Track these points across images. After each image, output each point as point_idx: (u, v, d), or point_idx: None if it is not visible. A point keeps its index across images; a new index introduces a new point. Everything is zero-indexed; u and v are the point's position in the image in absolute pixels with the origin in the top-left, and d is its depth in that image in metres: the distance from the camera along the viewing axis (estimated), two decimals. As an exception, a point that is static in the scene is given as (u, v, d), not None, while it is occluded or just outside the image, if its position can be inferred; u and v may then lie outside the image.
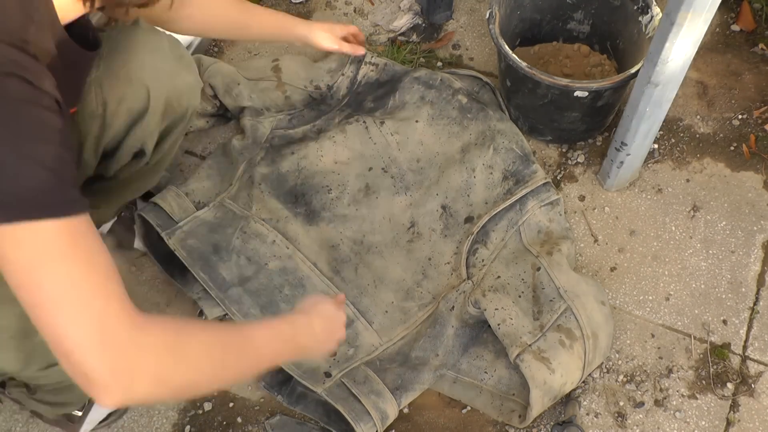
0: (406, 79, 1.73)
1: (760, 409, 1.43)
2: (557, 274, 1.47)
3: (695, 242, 1.61)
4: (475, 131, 1.67)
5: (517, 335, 1.40)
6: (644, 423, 1.43)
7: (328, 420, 1.41)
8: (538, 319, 1.44)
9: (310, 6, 1.99)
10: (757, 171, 1.69)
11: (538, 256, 1.50)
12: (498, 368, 1.45)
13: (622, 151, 1.56)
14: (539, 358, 1.38)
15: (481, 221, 1.57)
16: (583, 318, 1.42)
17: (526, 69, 1.54)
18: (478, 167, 1.62)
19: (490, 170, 1.62)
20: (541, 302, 1.46)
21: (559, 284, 1.45)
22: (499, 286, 1.49)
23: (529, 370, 1.36)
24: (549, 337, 1.41)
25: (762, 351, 1.49)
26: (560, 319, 1.43)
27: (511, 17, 1.71)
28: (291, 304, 1.47)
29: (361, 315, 1.49)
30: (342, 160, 1.65)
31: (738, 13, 1.91)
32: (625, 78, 1.52)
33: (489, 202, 1.60)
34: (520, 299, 1.47)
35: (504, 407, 1.43)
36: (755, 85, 1.81)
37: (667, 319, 1.53)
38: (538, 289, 1.47)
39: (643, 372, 1.47)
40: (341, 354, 1.45)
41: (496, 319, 1.43)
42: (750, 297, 1.55)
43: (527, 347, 1.39)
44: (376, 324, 1.49)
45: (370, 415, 1.36)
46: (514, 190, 1.60)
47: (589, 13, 1.75)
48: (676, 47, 1.29)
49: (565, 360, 1.38)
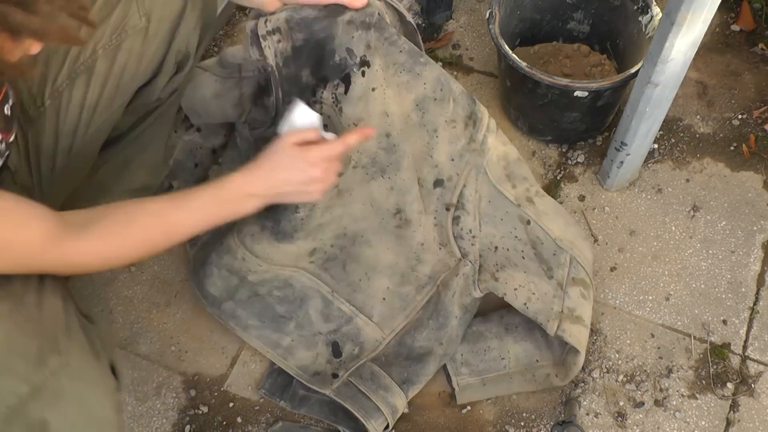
0: (337, 30, 1.25)
1: (760, 409, 1.43)
2: (548, 224, 1.47)
3: (695, 242, 1.61)
4: (430, 79, 1.34)
5: (547, 308, 1.39)
6: (644, 423, 1.43)
7: (335, 418, 1.41)
8: (552, 277, 1.43)
9: (310, 6, 1.99)
10: (757, 171, 1.69)
11: (520, 206, 1.47)
12: (509, 348, 1.45)
13: (622, 151, 1.56)
14: (574, 319, 1.39)
15: (457, 189, 1.44)
16: (586, 264, 1.45)
17: (526, 69, 1.54)
18: (440, 126, 1.39)
19: (453, 124, 1.40)
20: (545, 258, 1.45)
21: (555, 236, 1.46)
22: (503, 260, 1.46)
23: (573, 337, 1.37)
24: (571, 293, 1.42)
25: (762, 351, 1.49)
26: (571, 271, 1.44)
27: (511, 17, 1.71)
28: (285, 304, 1.44)
29: (358, 311, 1.45)
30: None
31: (738, 13, 1.91)
32: (625, 78, 1.52)
33: (455, 158, 1.42)
34: (525, 260, 1.45)
35: (538, 376, 1.44)
36: (755, 85, 1.81)
37: (667, 319, 1.53)
38: (537, 245, 1.46)
39: (643, 372, 1.47)
40: (347, 354, 1.44)
41: (521, 300, 1.41)
42: (750, 297, 1.55)
43: (561, 315, 1.39)
44: (376, 316, 1.45)
45: (380, 411, 1.36)
46: (475, 135, 1.43)
47: (589, 13, 1.75)
48: (676, 47, 1.29)
49: (589, 312, 1.43)
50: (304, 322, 1.44)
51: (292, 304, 1.44)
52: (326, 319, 1.45)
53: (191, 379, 1.49)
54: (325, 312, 1.45)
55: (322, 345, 1.44)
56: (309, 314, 1.44)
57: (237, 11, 1.97)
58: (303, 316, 1.44)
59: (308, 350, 1.44)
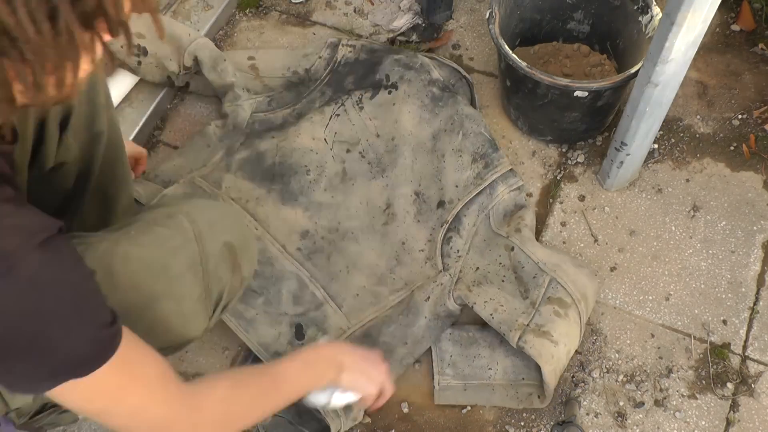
0: (386, 61, 1.73)
1: (760, 409, 1.43)
2: (532, 249, 1.50)
3: (695, 242, 1.61)
4: (445, 117, 1.66)
5: (512, 319, 1.42)
6: (644, 423, 1.43)
7: (300, 420, 1.41)
8: (527, 298, 1.45)
9: (309, 6, 1.99)
10: (757, 171, 1.69)
11: (509, 237, 1.53)
12: (499, 360, 1.45)
13: (622, 151, 1.56)
14: (540, 334, 1.39)
15: (454, 209, 1.58)
16: (569, 284, 1.45)
17: (526, 69, 1.54)
18: (447, 152, 1.63)
19: (459, 153, 1.62)
20: (525, 281, 1.48)
21: (537, 259, 1.48)
22: (482, 278, 1.50)
23: (534, 349, 1.37)
24: (543, 311, 1.42)
25: (762, 351, 1.49)
26: (548, 291, 1.45)
27: (511, 17, 1.71)
28: (259, 280, 1.47)
29: (330, 299, 1.49)
30: (319, 137, 1.65)
31: (738, 13, 1.91)
32: (625, 78, 1.52)
33: (459, 185, 1.60)
34: (504, 283, 1.49)
35: (520, 394, 1.43)
36: (755, 85, 1.81)
37: (667, 319, 1.53)
38: (519, 269, 1.49)
39: (643, 372, 1.47)
40: (309, 338, 1.45)
41: (488, 310, 1.44)
42: (750, 297, 1.55)
43: (525, 327, 1.40)
44: (346, 307, 1.49)
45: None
46: (484, 174, 1.61)
47: (589, 13, 1.75)
48: (676, 47, 1.29)
49: (564, 329, 1.41)
50: (274, 300, 1.48)
51: (267, 281, 1.48)
52: (297, 301, 1.48)
53: (191, 379, 1.49)
54: (298, 295, 1.48)
55: (285, 325, 1.46)
56: (281, 293, 1.48)
57: (237, 11, 1.97)
58: (274, 294, 1.48)
59: (271, 328, 1.46)
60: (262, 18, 1.97)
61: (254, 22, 1.96)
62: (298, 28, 1.95)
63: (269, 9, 1.98)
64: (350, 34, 1.92)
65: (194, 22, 1.89)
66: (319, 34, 1.93)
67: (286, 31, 1.94)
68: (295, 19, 1.96)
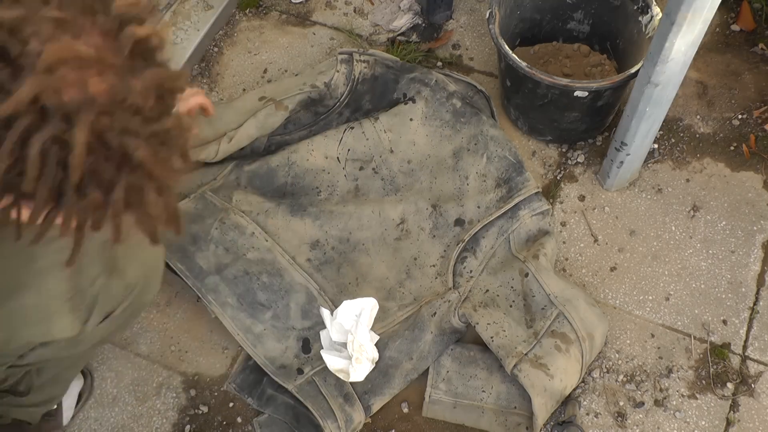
0: (402, 81, 1.72)
1: (760, 409, 1.43)
2: (546, 280, 1.48)
3: (695, 242, 1.61)
4: (467, 135, 1.66)
5: (511, 346, 1.41)
6: (644, 423, 1.43)
7: (297, 424, 1.41)
8: (531, 327, 1.44)
9: (309, 6, 1.99)
10: (757, 171, 1.69)
11: (525, 261, 1.51)
12: (494, 384, 1.44)
13: (622, 151, 1.56)
14: (536, 365, 1.38)
15: (473, 229, 1.57)
16: (576, 321, 1.43)
17: (526, 69, 1.54)
18: (471, 175, 1.63)
19: (483, 178, 1.63)
20: (533, 310, 1.46)
21: (549, 291, 1.47)
22: (489, 300, 1.49)
23: (528, 379, 1.36)
24: (544, 343, 1.41)
25: (762, 351, 1.49)
26: (554, 324, 1.43)
27: (511, 17, 1.71)
28: (268, 293, 1.47)
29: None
30: (332, 155, 1.64)
31: (738, 13, 1.91)
32: (625, 78, 1.52)
33: (481, 207, 1.60)
34: (512, 308, 1.48)
35: (509, 422, 1.42)
36: (755, 85, 1.81)
37: (667, 318, 1.53)
38: (529, 297, 1.48)
39: (643, 372, 1.47)
40: (316, 351, 1.45)
41: (489, 333, 1.43)
42: (750, 297, 1.55)
43: (523, 356, 1.39)
44: None
45: (335, 416, 1.37)
46: (507, 197, 1.60)
47: (589, 13, 1.75)
48: (676, 47, 1.29)
49: (563, 364, 1.39)
50: (282, 314, 1.47)
51: (276, 294, 1.48)
52: (305, 315, 1.47)
53: (191, 379, 1.49)
54: (306, 308, 1.48)
55: (293, 339, 1.46)
56: (289, 307, 1.47)
57: (237, 11, 1.97)
58: (283, 308, 1.47)
59: (278, 342, 1.46)
60: (262, 18, 1.97)
61: (254, 22, 1.96)
62: (298, 28, 1.95)
63: (269, 9, 1.98)
64: (350, 34, 1.92)
65: (194, 22, 1.89)
66: (319, 34, 1.93)
67: (286, 31, 1.94)
68: (295, 19, 1.96)
